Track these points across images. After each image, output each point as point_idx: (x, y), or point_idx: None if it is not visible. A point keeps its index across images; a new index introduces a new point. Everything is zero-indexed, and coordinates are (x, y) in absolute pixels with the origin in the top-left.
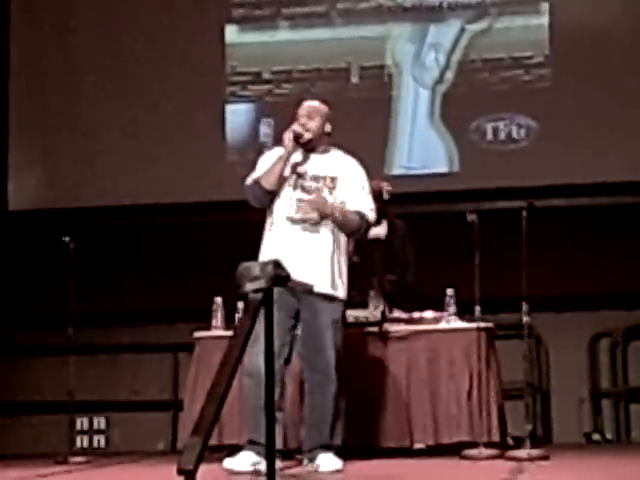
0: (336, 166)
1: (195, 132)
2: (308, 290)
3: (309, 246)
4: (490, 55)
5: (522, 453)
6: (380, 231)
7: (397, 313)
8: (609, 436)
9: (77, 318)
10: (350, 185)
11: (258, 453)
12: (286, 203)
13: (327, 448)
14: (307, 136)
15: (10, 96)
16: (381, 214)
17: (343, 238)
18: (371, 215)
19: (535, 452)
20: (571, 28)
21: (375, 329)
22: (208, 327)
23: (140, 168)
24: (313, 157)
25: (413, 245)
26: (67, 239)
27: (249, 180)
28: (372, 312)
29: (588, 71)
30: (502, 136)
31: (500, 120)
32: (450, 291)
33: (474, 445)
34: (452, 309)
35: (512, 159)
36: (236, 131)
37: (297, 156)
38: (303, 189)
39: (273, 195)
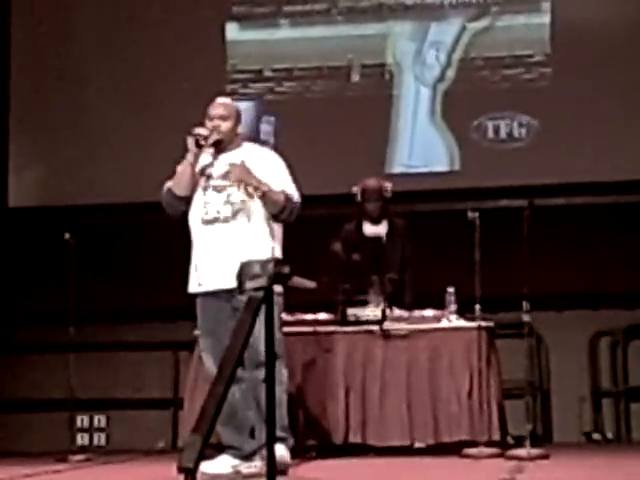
0: (247, 159)
1: None
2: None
3: (225, 245)
4: (491, 53)
5: (522, 452)
6: (380, 230)
7: (398, 312)
8: (609, 435)
9: (78, 315)
10: (264, 172)
11: (236, 456)
12: (198, 207)
13: None
14: (214, 138)
15: (10, 94)
16: (381, 213)
17: (264, 230)
18: (296, 195)
19: (535, 451)
20: (572, 27)
21: (376, 328)
22: None
23: (142, 165)
24: (222, 157)
25: (412, 244)
26: (68, 236)
27: (164, 189)
28: (373, 311)
29: (589, 70)
30: (503, 134)
31: (501, 118)
32: (451, 290)
33: (474, 444)
34: (453, 308)
35: (513, 158)
36: None
37: (206, 158)
38: (214, 189)
39: (187, 201)
